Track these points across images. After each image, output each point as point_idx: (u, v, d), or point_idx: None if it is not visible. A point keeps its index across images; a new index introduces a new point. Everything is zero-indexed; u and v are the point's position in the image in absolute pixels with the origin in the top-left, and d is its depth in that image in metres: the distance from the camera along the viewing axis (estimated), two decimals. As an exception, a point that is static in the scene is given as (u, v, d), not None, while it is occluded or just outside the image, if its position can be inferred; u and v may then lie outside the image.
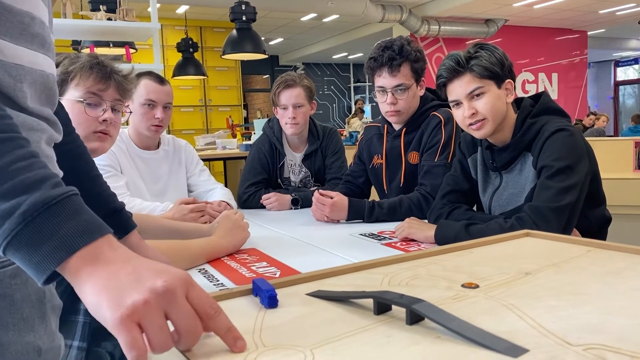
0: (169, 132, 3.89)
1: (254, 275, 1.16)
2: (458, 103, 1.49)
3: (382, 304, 0.61)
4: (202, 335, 0.54)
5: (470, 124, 1.48)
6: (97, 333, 1.26)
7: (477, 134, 1.50)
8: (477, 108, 1.46)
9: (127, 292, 0.50)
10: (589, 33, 11.12)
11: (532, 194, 1.44)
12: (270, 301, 0.64)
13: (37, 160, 0.56)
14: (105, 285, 0.51)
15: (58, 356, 0.72)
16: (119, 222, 1.09)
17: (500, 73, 1.45)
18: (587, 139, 1.54)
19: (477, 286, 0.71)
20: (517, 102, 1.56)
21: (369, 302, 0.62)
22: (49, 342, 0.70)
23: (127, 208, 1.60)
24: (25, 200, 0.51)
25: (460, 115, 1.49)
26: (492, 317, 0.60)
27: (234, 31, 4.45)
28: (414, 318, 0.57)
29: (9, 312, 0.65)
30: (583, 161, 1.40)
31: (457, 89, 1.47)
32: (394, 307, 0.61)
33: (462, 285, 0.71)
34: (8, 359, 0.64)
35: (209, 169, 2.28)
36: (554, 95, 10.27)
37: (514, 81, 1.51)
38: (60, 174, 0.74)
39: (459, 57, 1.46)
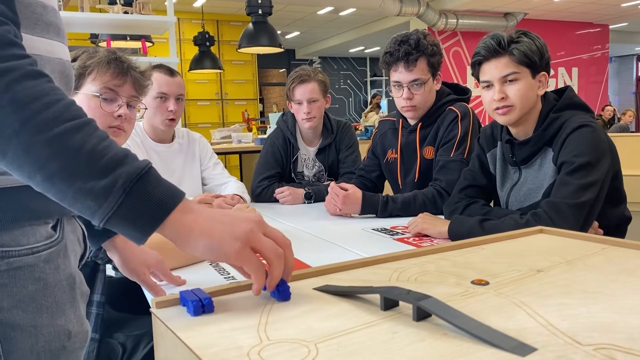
0: (184, 126, 3.90)
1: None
2: (489, 85, 1.47)
3: (389, 300, 0.60)
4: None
5: (497, 108, 1.46)
6: (109, 324, 1.28)
7: (502, 119, 1.48)
8: (508, 93, 1.44)
9: (236, 226, 0.63)
10: (610, 27, 10.92)
11: (550, 190, 1.42)
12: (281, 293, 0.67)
13: (111, 139, 0.62)
14: (211, 228, 0.63)
15: (85, 341, 0.75)
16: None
17: (538, 63, 1.44)
18: (610, 134, 1.51)
19: (487, 283, 0.70)
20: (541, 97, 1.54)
21: (376, 297, 0.62)
22: (78, 326, 0.73)
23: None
24: (120, 175, 0.59)
25: (488, 98, 1.48)
26: (501, 314, 0.59)
27: (250, 25, 4.45)
28: (421, 314, 0.57)
29: (43, 295, 0.68)
30: (605, 158, 1.38)
31: (492, 70, 1.45)
32: (401, 303, 0.61)
33: (472, 282, 0.70)
34: (41, 341, 0.67)
35: (225, 163, 2.29)
36: (573, 90, 10.10)
37: (549, 75, 1.49)
38: None
39: (501, 38, 1.44)
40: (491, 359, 0.48)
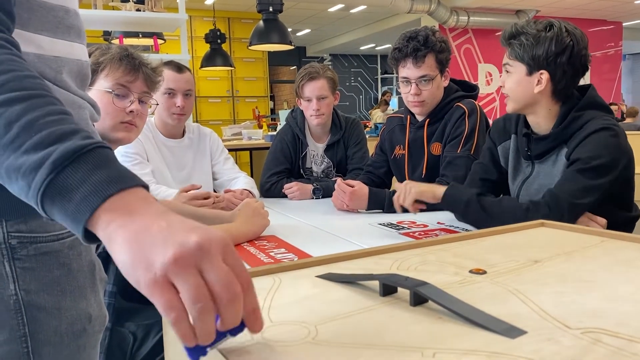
0: (196, 122, 3.95)
1: (272, 261, 1.19)
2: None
3: (388, 286, 0.63)
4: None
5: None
6: (120, 314, 1.32)
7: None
8: (504, 83, 1.51)
9: (158, 249, 0.45)
10: (624, 24, 10.82)
11: None
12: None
13: (68, 117, 0.54)
14: (135, 241, 0.46)
15: (104, 325, 0.79)
16: None
17: (532, 63, 1.44)
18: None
19: (484, 272, 0.72)
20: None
21: (376, 284, 0.64)
22: (98, 310, 0.76)
23: (153, 195, 1.65)
24: (56, 150, 0.50)
25: None
26: (496, 301, 0.61)
27: (261, 22, 4.47)
28: (418, 300, 0.59)
29: (67, 279, 0.71)
30: (620, 164, 1.37)
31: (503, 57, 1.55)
32: (399, 289, 0.63)
33: (470, 271, 0.72)
34: (64, 323, 0.70)
35: (236, 159, 2.32)
36: (586, 88, 10.01)
37: (578, 72, 1.46)
38: None
39: (506, 33, 1.50)
40: (483, 341, 0.50)
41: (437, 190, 1.47)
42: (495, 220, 1.37)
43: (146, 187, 0.52)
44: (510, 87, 1.49)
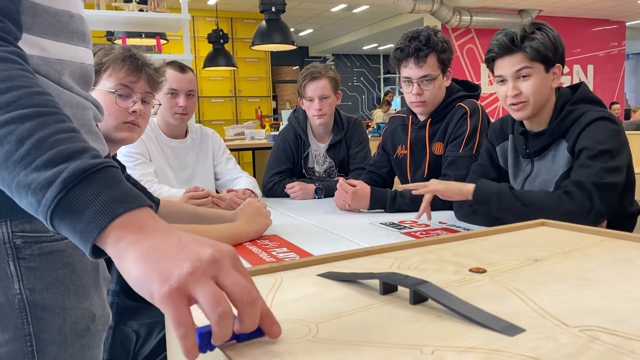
0: (198, 122, 3.96)
1: (274, 260, 1.20)
2: (503, 80, 1.50)
3: (388, 285, 0.63)
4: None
5: (512, 104, 1.49)
6: (123, 313, 1.33)
7: (517, 115, 1.51)
8: (522, 89, 1.47)
9: (173, 263, 0.47)
10: (627, 24, 10.79)
11: (565, 176, 1.43)
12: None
13: (77, 135, 0.56)
14: (148, 257, 0.48)
15: (107, 324, 0.79)
16: None
17: (552, 57, 1.45)
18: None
19: (484, 271, 0.72)
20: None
21: (376, 282, 0.65)
22: (102, 309, 0.77)
23: (155, 195, 1.66)
24: (66, 168, 0.51)
25: (502, 93, 1.50)
26: (495, 299, 0.61)
27: (264, 22, 4.48)
28: (417, 298, 0.60)
29: (71, 279, 0.72)
30: (624, 152, 1.39)
31: (506, 66, 1.48)
32: (399, 288, 0.64)
33: (470, 270, 0.73)
34: (68, 322, 0.71)
35: (238, 159, 2.33)
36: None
37: (563, 66, 1.50)
38: (106, 151, 0.81)
39: (514, 36, 1.45)
40: (481, 339, 0.50)
41: (464, 187, 1.48)
42: (531, 208, 1.34)
43: (152, 206, 0.54)
44: (534, 90, 1.45)
